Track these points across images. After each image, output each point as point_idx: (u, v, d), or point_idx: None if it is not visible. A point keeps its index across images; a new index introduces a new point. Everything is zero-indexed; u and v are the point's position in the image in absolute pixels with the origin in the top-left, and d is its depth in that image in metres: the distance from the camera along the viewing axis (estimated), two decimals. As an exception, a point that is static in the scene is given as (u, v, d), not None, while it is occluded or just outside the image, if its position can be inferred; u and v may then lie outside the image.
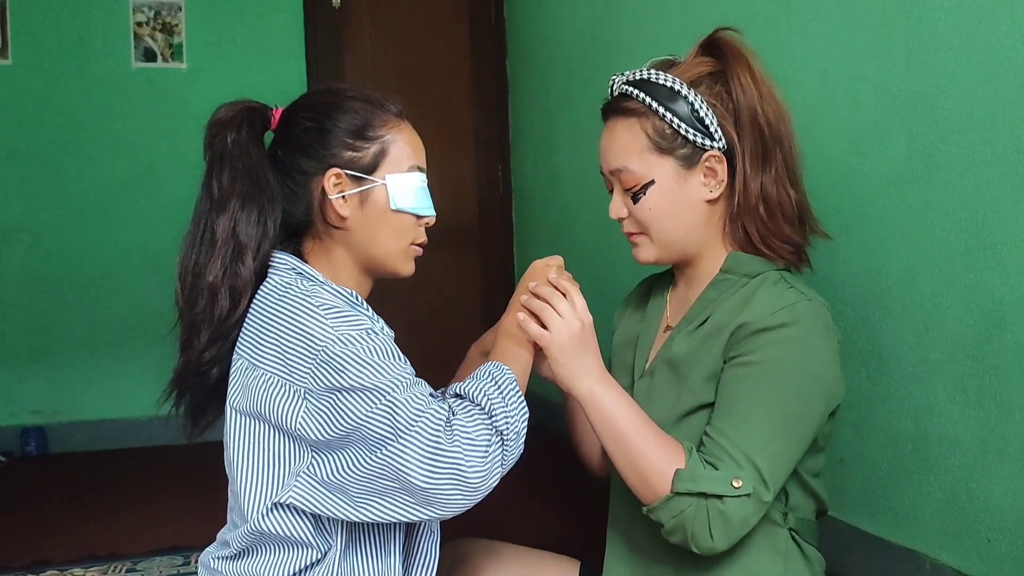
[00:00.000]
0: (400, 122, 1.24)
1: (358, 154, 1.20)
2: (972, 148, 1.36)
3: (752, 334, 1.12)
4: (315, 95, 1.27)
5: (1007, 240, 1.31)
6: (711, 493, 1.05)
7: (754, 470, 1.06)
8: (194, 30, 3.52)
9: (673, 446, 1.10)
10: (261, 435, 1.13)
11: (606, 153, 1.23)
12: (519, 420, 1.10)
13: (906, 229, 1.50)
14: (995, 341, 1.34)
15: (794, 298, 1.13)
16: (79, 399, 3.43)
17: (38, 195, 3.40)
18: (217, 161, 1.19)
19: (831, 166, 1.66)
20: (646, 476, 1.09)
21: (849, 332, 1.63)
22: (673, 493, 1.07)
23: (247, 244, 1.15)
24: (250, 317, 1.16)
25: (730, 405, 1.11)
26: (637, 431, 1.11)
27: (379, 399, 1.04)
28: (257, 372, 1.11)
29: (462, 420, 1.05)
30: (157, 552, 2.18)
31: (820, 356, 1.12)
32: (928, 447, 1.49)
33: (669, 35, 2.33)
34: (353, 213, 1.20)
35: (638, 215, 1.20)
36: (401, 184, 1.21)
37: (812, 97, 1.71)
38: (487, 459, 1.04)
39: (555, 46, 3.20)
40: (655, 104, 1.17)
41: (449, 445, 1.02)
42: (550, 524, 2.25)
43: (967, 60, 1.36)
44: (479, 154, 3.90)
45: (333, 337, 1.06)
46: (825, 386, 1.13)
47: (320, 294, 1.12)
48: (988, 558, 1.38)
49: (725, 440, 1.08)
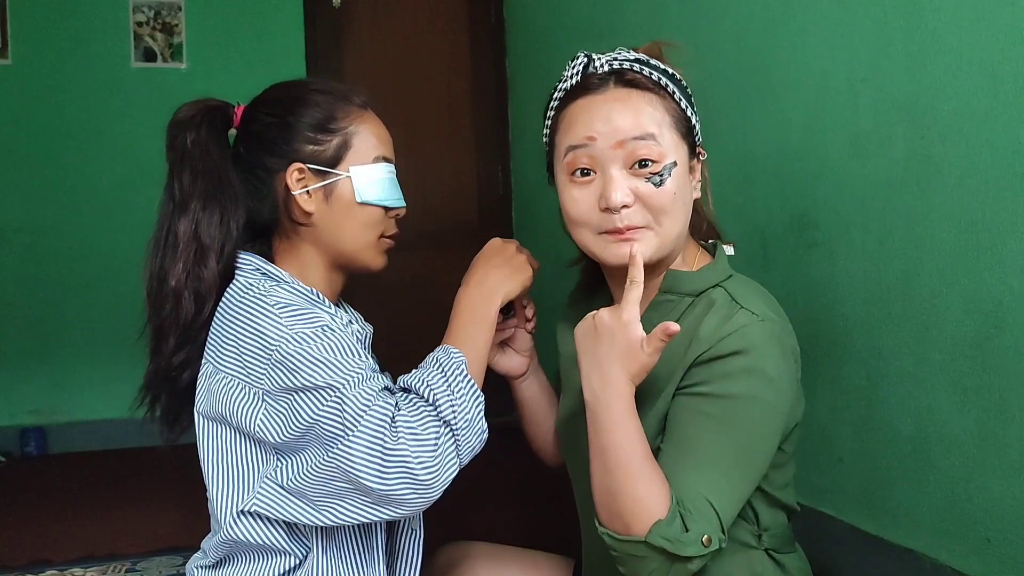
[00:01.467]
0: (363, 112, 1.21)
1: (320, 147, 1.16)
2: (972, 148, 1.36)
3: (706, 363, 1.04)
4: (277, 89, 1.25)
5: (1007, 240, 1.31)
6: (684, 555, 0.97)
7: (717, 519, 1.00)
8: (194, 30, 3.52)
9: (661, 488, 0.99)
10: (227, 440, 1.10)
11: (620, 122, 1.06)
12: (471, 407, 1.04)
13: (906, 230, 1.50)
14: (995, 341, 1.34)
15: (744, 319, 1.05)
16: (79, 399, 3.43)
17: (38, 195, 3.40)
18: (178, 162, 1.16)
19: (831, 167, 1.66)
20: (622, 512, 0.99)
21: (849, 332, 1.63)
22: (645, 541, 0.97)
23: (209, 246, 1.13)
24: (215, 320, 1.13)
25: (688, 445, 1.03)
26: (636, 464, 1.00)
27: (328, 396, 1.00)
28: (219, 376, 1.09)
29: (406, 415, 1.00)
30: (157, 552, 2.18)
31: (776, 383, 1.05)
32: (927, 447, 1.49)
33: (669, 35, 2.33)
34: (318, 208, 1.16)
35: (654, 201, 1.06)
36: (366, 176, 1.17)
37: (811, 98, 1.71)
38: (436, 454, 0.99)
39: (555, 46, 3.20)
40: (671, 85, 1.10)
41: (394, 443, 0.97)
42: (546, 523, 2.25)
43: (967, 61, 1.36)
44: (479, 154, 3.90)
45: (287, 336, 1.03)
46: (782, 415, 1.07)
47: (277, 293, 1.09)
48: (988, 558, 1.38)
49: (689, 490, 1.00)
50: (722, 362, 1.03)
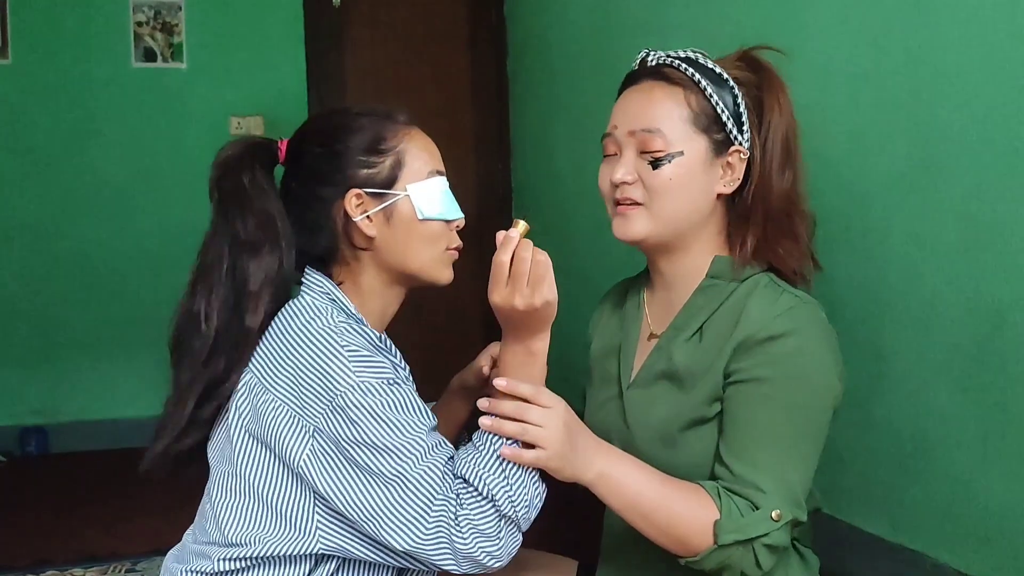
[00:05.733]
0: (411, 129, 1.21)
1: (374, 170, 1.16)
2: (972, 148, 1.36)
3: (754, 346, 1.09)
4: (319, 120, 1.25)
5: (1007, 240, 1.31)
6: (757, 535, 1.03)
7: (788, 495, 1.05)
8: (194, 30, 3.52)
9: (700, 496, 1.06)
10: (264, 462, 1.08)
11: (636, 112, 1.17)
12: (528, 492, 1.05)
13: (906, 229, 1.50)
14: (995, 341, 1.34)
15: (790, 302, 1.12)
16: (79, 399, 3.43)
17: (38, 195, 3.39)
18: (234, 204, 1.13)
19: (831, 166, 1.66)
20: (683, 538, 1.05)
21: (849, 332, 1.62)
22: (717, 545, 1.03)
23: (258, 292, 1.10)
24: (272, 331, 1.11)
25: (746, 431, 1.09)
26: (660, 497, 1.06)
27: (389, 464, 1.01)
28: (268, 397, 1.07)
29: (468, 512, 1.02)
30: (157, 552, 2.18)
31: (825, 362, 1.11)
32: (928, 447, 1.49)
33: (670, 35, 2.33)
34: (380, 231, 1.16)
35: (652, 182, 1.15)
36: (424, 192, 1.18)
37: (812, 97, 1.70)
38: (500, 543, 1.04)
39: (555, 46, 3.20)
40: (704, 82, 1.15)
41: (463, 542, 1.01)
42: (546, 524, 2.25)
43: (967, 60, 1.36)
44: (479, 154, 3.89)
45: (353, 384, 1.03)
46: (831, 392, 1.12)
47: (347, 334, 1.07)
48: (988, 558, 1.38)
49: (756, 471, 1.06)
50: (772, 343, 1.09)
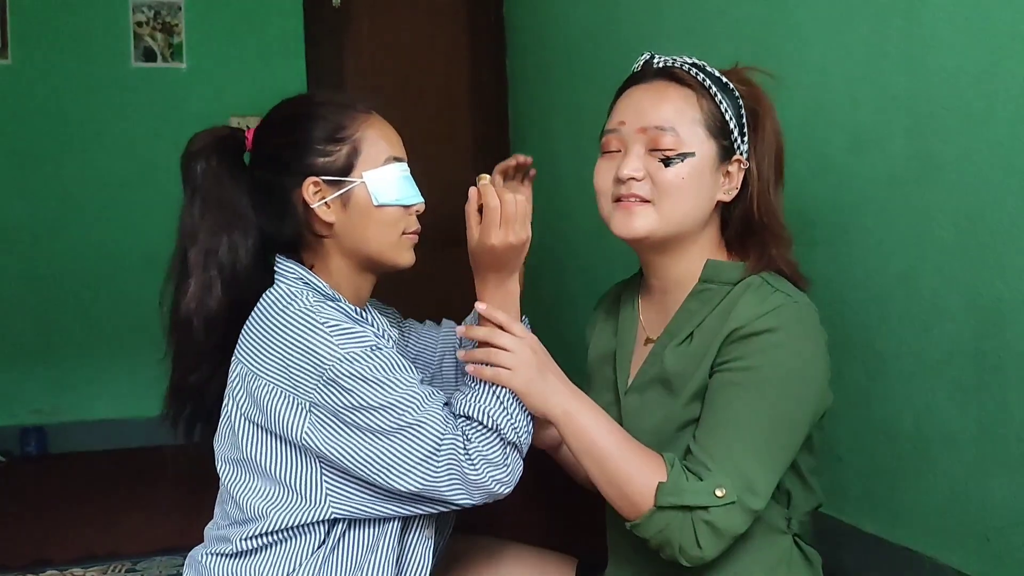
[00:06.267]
0: (368, 116, 1.24)
1: (331, 158, 1.20)
2: (972, 147, 1.36)
3: (738, 340, 1.10)
4: (282, 108, 1.28)
5: (1007, 240, 1.31)
6: (695, 505, 1.03)
7: (740, 478, 1.04)
8: (194, 30, 3.52)
9: (654, 460, 1.08)
10: (267, 442, 1.14)
11: (647, 109, 1.16)
12: (524, 418, 1.14)
13: (906, 229, 1.50)
14: (995, 341, 1.34)
15: (779, 301, 1.12)
16: (79, 399, 3.43)
17: (38, 195, 3.39)
18: (190, 192, 1.22)
19: (830, 166, 1.66)
20: (628, 493, 1.07)
21: (849, 332, 1.63)
22: (656, 507, 1.05)
23: (216, 275, 1.18)
24: (252, 322, 1.17)
25: (716, 413, 1.10)
26: (617, 448, 1.09)
27: (392, 417, 1.08)
28: (261, 382, 1.12)
29: (477, 445, 1.10)
30: (157, 552, 2.18)
31: (807, 358, 1.11)
32: (927, 446, 1.49)
33: (669, 36, 2.33)
34: (338, 217, 1.20)
35: (661, 179, 1.14)
36: (379, 178, 1.21)
37: (810, 97, 1.70)
38: (509, 469, 1.11)
39: (555, 46, 3.20)
40: (714, 88, 1.16)
41: (475, 474, 1.09)
42: (547, 521, 2.25)
43: (967, 60, 1.36)
44: (479, 154, 3.89)
45: (339, 356, 1.08)
46: (812, 387, 1.11)
47: (324, 311, 1.13)
48: (988, 558, 1.38)
49: (709, 449, 1.07)
50: (756, 338, 1.09)
